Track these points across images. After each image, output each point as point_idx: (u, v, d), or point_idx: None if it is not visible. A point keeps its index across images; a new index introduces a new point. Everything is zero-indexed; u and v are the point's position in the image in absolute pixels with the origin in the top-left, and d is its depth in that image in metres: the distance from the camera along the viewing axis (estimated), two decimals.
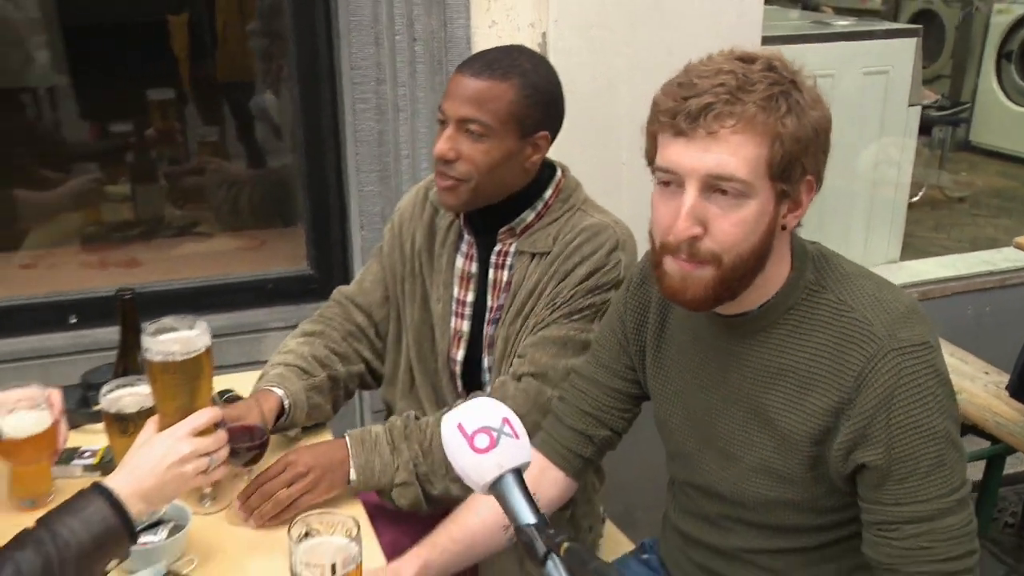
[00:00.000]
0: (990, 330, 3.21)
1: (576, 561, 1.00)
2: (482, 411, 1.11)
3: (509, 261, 1.81)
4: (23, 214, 2.98)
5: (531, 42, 2.36)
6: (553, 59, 2.37)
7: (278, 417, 1.74)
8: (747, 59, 1.25)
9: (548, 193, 1.80)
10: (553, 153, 1.84)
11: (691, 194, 1.23)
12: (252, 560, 1.51)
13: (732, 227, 1.23)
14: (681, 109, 1.22)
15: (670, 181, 1.26)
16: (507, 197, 1.77)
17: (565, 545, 1.01)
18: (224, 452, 1.45)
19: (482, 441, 1.08)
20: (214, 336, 1.55)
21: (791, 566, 1.43)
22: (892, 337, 1.24)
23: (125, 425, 1.58)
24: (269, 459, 1.66)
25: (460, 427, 1.10)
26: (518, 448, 1.09)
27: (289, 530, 1.27)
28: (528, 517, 1.06)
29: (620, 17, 2.39)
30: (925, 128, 5.85)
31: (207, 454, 1.39)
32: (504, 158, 1.70)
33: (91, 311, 2.44)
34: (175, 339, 1.51)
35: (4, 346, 2.37)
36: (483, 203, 1.76)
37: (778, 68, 1.24)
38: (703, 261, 1.25)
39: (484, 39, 2.29)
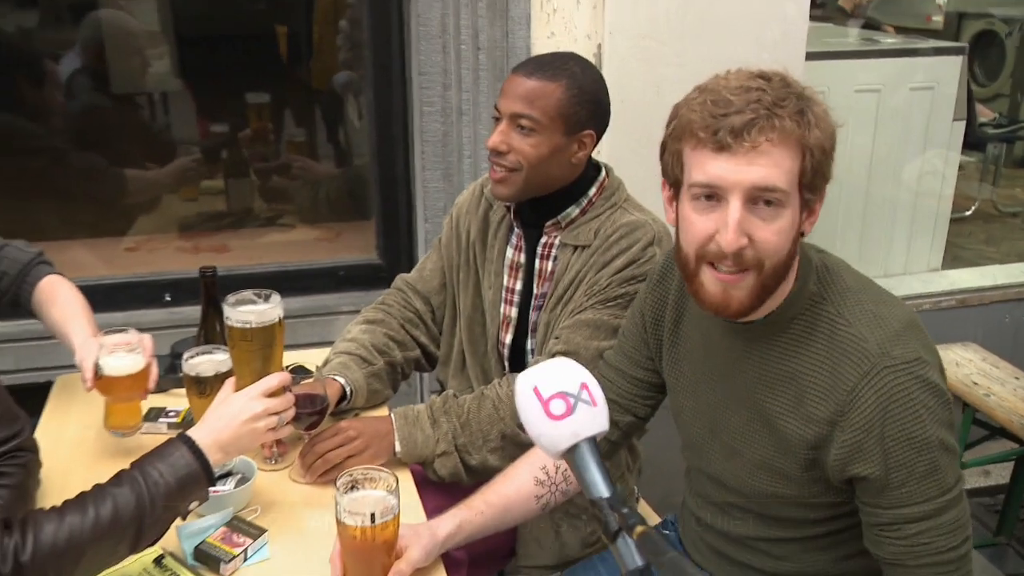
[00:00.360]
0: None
1: (650, 547, 0.91)
2: (560, 374, 1.03)
3: (554, 252, 1.85)
4: (133, 190, 3.10)
5: (587, 52, 2.39)
6: (607, 68, 2.41)
7: (340, 401, 1.81)
8: (764, 76, 1.24)
9: (592, 191, 1.83)
10: (605, 156, 1.87)
11: (737, 206, 1.21)
12: (306, 511, 1.58)
13: (773, 236, 1.22)
14: (723, 125, 1.20)
15: (711, 195, 1.23)
16: (554, 192, 1.81)
17: (639, 529, 0.93)
18: (291, 412, 1.52)
19: (558, 407, 0.99)
20: (291, 317, 1.63)
21: (790, 553, 1.44)
22: (885, 355, 1.23)
23: (203, 387, 1.67)
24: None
25: (536, 391, 1.01)
26: (595, 416, 1.01)
27: (336, 482, 1.33)
28: (602, 490, 0.97)
29: (670, 31, 2.42)
30: (980, 144, 5.71)
31: (276, 413, 1.47)
32: (551, 152, 1.74)
33: (183, 290, 2.56)
34: (252, 310, 1.61)
35: (108, 319, 2.47)
36: (532, 195, 1.80)
37: (792, 84, 1.24)
38: (747, 268, 1.23)
39: (543, 49, 2.31)
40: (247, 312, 1.64)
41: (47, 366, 2.15)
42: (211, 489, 1.39)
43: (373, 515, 1.29)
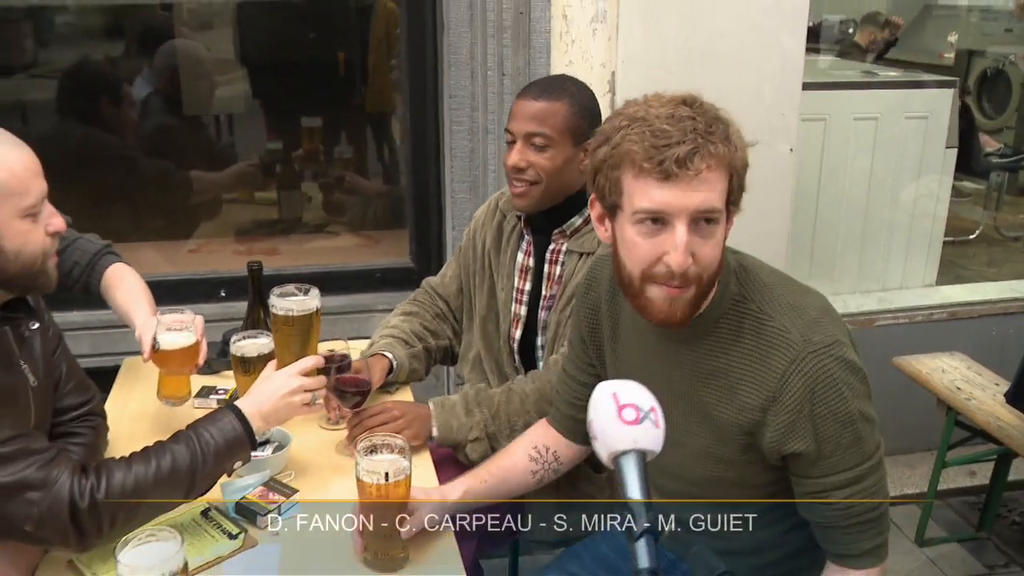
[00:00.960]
0: (1011, 349, 3.15)
1: (680, 543, 1.01)
2: (637, 392, 1.10)
3: (561, 258, 1.94)
4: (197, 189, 3.26)
5: (602, 80, 2.48)
6: (619, 94, 2.49)
7: (387, 375, 1.93)
8: (687, 102, 1.26)
9: None
10: None
11: (683, 231, 1.23)
12: (333, 476, 1.69)
13: (711, 251, 1.26)
14: (667, 156, 1.20)
15: (656, 219, 1.25)
16: (561, 203, 1.89)
17: (667, 530, 1.03)
18: (323, 392, 1.63)
19: (629, 414, 1.06)
20: (332, 313, 1.74)
21: (737, 533, 1.46)
22: (807, 341, 1.28)
23: (247, 366, 1.78)
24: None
25: (614, 395, 1.08)
26: (654, 436, 1.07)
27: (356, 446, 1.43)
28: (637, 494, 1.04)
29: (678, 60, 2.48)
30: (985, 173, 5.73)
31: (310, 390, 1.58)
32: (564, 163, 1.84)
33: (237, 287, 2.64)
34: (294, 300, 1.72)
35: (171, 311, 2.62)
36: (548, 204, 1.89)
37: (709, 108, 1.26)
38: (689, 283, 1.26)
39: None
40: (290, 302, 1.76)
41: (116, 351, 2.25)
42: (251, 454, 1.51)
43: (387, 474, 1.38)
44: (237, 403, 1.50)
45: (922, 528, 2.82)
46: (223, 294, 2.69)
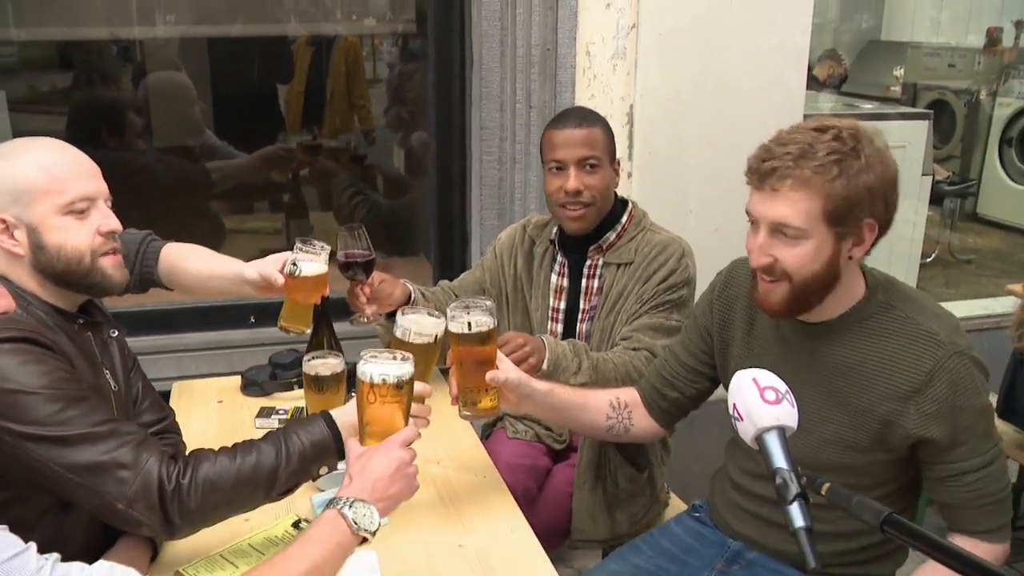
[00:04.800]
0: (988, 364, 3.33)
1: (840, 497, 1.11)
2: (771, 377, 1.22)
3: (599, 272, 2.09)
4: (218, 179, 3.34)
5: (621, 112, 2.61)
6: (638, 125, 2.63)
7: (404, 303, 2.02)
8: (822, 129, 1.42)
9: (624, 219, 2.08)
10: (636, 196, 2.11)
11: (763, 234, 1.46)
12: None
13: (794, 258, 1.44)
14: (760, 168, 1.42)
15: (753, 221, 1.48)
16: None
17: (827, 485, 1.11)
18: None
19: (770, 395, 1.19)
20: (353, 339, 1.84)
21: (832, 517, 1.52)
22: (953, 343, 1.45)
23: (319, 384, 1.82)
24: None
25: (755, 380, 1.21)
26: (791, 415, 1.19)
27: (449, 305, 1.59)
28: (784, 463, 1.14)
29: (691, 93, 2.64)
30: (938, 199, 6.03)
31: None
32: (608, 180, 2.03)
33: (265, 313, 2.70)
34: (415, 320, 1.65)
35: (201, 338, 2.67)
36: (599, 220, 2.04)
37: (844, 139, 1.40)
38: (778, 279, 1.47)
39: None
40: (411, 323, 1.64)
41: (167, 376, 2.29)
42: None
43: (470, 324, 1.55)
44: (332, 411, 1.50)
45: None
46: (252, 320, 2.73)
